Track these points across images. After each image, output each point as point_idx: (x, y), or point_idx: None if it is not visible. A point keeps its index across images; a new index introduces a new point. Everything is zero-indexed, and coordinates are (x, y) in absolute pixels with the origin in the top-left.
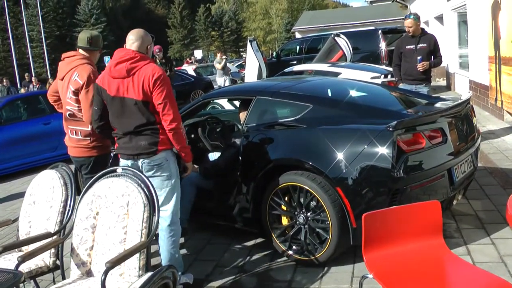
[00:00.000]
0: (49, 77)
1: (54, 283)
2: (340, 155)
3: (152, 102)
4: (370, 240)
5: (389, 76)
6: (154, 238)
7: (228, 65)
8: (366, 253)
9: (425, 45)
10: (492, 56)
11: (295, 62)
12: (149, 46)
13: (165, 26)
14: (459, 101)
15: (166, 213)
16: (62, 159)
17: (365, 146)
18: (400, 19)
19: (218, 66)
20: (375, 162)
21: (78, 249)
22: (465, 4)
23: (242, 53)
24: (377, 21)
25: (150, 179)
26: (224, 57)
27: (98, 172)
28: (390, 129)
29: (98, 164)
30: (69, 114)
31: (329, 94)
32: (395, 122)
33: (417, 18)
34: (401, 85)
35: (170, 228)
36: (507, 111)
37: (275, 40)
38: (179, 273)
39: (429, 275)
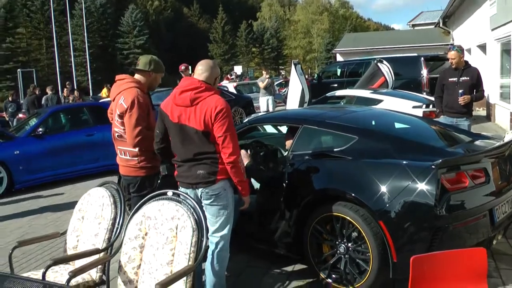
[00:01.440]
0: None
1: None
2: (383, 189)
3: (212, 133)
4: (417, 282)
5: (430, 106)
6: None
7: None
8: None
9: (468, 78)
10: None
11: (336, 85)
12: (217, 78)
13: (207, 41)
14: (504, 141)
15: (217, 240)
16: (103, 171)
17: (409, 182)
18: (441, 45)
19: (261, 84)
20: (418, 199)
21: (126, 267)
22: (510, 35)
23: (281, 71)
24: (418, 46)
25: (207, 207)
26: (267, 76)
27: (144, 191)
28: (435, 166)
29: (145, 183)
30: (117, 135)
31: (374, 127)
32: (440, 160)
33: (460, 50)
34: (442, 117)
35: (220, 254)
36: None
37: (315, 59)
38: None
39: None
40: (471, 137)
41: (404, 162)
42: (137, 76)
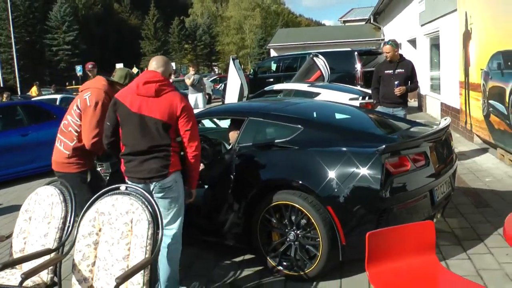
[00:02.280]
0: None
1: None
2: (331, 176)
3: (173, 126)
4: (372, 256)
5: (366, 98)
6: None
7: (204, 80)
8: (369, 268)
9: (403, 70)
10: (462, 81)
11: (272, 80)
12: (170, 75)
13: (138, 37)
14: (441, 126)
15: (170, 232)
16: (40, 172)
17: (355, 168)
18: (372, 40)
19: (188, 81)
20: (364, 183)
21: (80, 265)
22: (438, 31)
23: (214, 67)
24: (350, 41)
25: (159, 200)
26: (193, 72)
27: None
28: (379, 152)
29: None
30: (65, 124)
31: (318, 117)
32: (384, 146)
33: (395, 44)
34: (379, 108)
35: (173, 246)
36: (476, 134)
37: (248, 55)
38: None
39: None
40: (408, 124)
41: (349, 149)
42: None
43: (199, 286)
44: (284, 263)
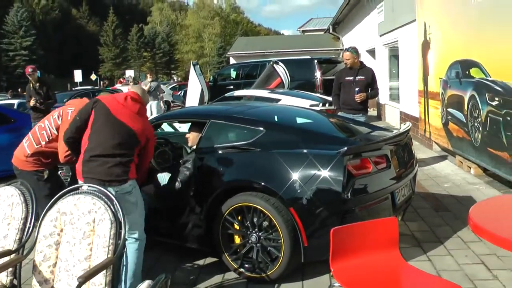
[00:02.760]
0: None
1: None
2: (293, 178)
3: (140, 145)
4: (337, 252)
5: (327, 105)
6: None
7: (163, 87)
8: (333, 264)
9: (363, 77)
10: (421, 90)
11: (232, 87)
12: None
13: (97, 44)
14: (401, 130)
15: (134, 235)
16: None
17: (317, 170)
18: (331, 50)
19: (144, 88)
20: (326, 185)
21: (41, 266)
22: (397, 41)
23: (173, 76)
24: (309, 50)
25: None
26: (149, 79)
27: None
28: (341, 154)
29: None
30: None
31: (280, 120)
32: (346, 148)
33: (355, 51)
34: (339, 114)
35: (137, 244)
36: (435, 142)
37: (207, 64)
38: None
39: (388, 282)
40: (369, 129)
41: (311, 151)
42: None
43: (166, 278)
44: (246, 265)
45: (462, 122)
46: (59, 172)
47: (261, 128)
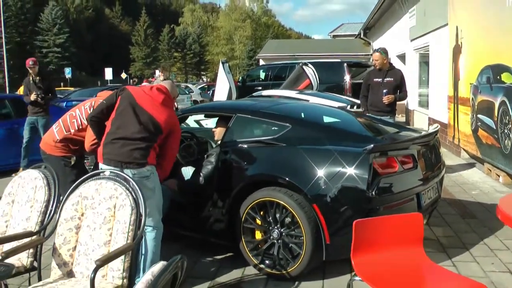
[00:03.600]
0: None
1: (30, 284)
2: (318, 174)
3: (163, 135)
4: (358, 245)
5: (355, 107)
6: None
7: (193, 87)
8: (354, 257)
9: (392, 79)
10: (451, 96)
11: (260, 88)
12: (175, 98)
13: (128, 43)
14: (429, 131)
15: (152, 222)
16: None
17: (343, 167)
18: (362, 54)
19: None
20: (351, 183)
21: (61, 249)
22: (428, 46)
23: (203, 76)
24: (339, 55)
25: None
26: (161, 77)
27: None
28: (367, 151)
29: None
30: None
31: (306, 117)
32: (372, 145)
33: (384, 52)
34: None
35: (154, 232)
36: (463, 149)
37: (237, 66)
38: None
39: (410, 278)
40: (397, 129)
41: (337, 148)
42: None
43: (181, 258)
44: (267, 261)
45: (492, 128)
46: (84, 161)
47: (287, 124)
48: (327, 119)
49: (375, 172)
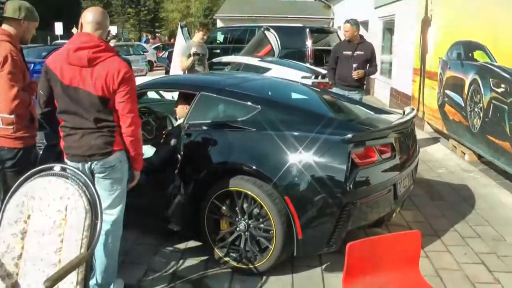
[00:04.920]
0: None
1: None
2: (290, 164)
3: (112, 100)
4: (351, 270)
5: (319, 77)
6: None
7: (147, 47)
8: (346, 282)
9: (362, 53)
10: (417, 68)
11: (218, 51)
12: (108, 34)
13: None
14: (408, 117)
15: (111, 217)
16: None
17: (318, 156)
18: (321, 18)
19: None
20: (327, 174)
21: (4, 258)
22: (394, 15)
23: (157, 34)
24: (298, 17)
25: (100, 181)
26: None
27: (22, 165)
28: (346, 141)
29: (23, 156)
30: None
31: (277, 96)
32: (351, 135)
33: (355, 24)
34: (334, 89)
35: (113, 233)
36: (427, 122)
37: (193, 24)
38: (112, 284)
39: None
40: (372, 111)
41: (313, 134)
42: (5, 26)
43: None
44: (233, 254)
45: (460, 106)
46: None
47: (256, 105)
48: (298, 99)
49: (353, 163)
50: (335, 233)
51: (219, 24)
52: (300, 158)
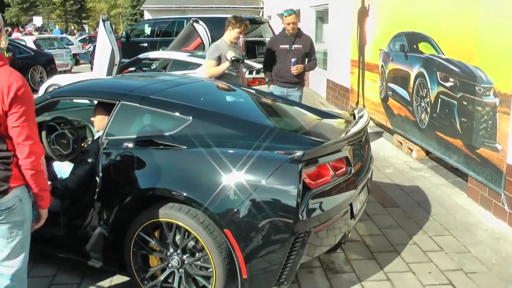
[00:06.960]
0: None
1: None
2: (230, 188)
3: (3, 124)
4: None
5: (254, 73)
6: None
7: (71, 39)
8: None
9: (301, 46)
10: (355, 60)
11: (146, 44)
12: (1, 32)
13: None
14: (362, 124)
15: (10, 270)
16: None
17: (264, 179)
18: (250, 7)
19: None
20: (276, 200)
21: None
22: (327, 4)
23: (84, 25)
24: (227, 7)
25: None
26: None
27: None
28: (296, 159)
29: None
30: None
31: (211, 104)
32: (302, 152)
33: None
34: (271, 87)
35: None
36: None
37: (120, 15)
38: None
39: None
40: (319, 116)
41: (256, 152)
42: None
43: None
44: None
45: (406, 100)
46: None
47: (187, 116)
48: (235, 107)
49: (304, 185)
50: (286, 268)
51: (147, 16)
52: (241, 182)
